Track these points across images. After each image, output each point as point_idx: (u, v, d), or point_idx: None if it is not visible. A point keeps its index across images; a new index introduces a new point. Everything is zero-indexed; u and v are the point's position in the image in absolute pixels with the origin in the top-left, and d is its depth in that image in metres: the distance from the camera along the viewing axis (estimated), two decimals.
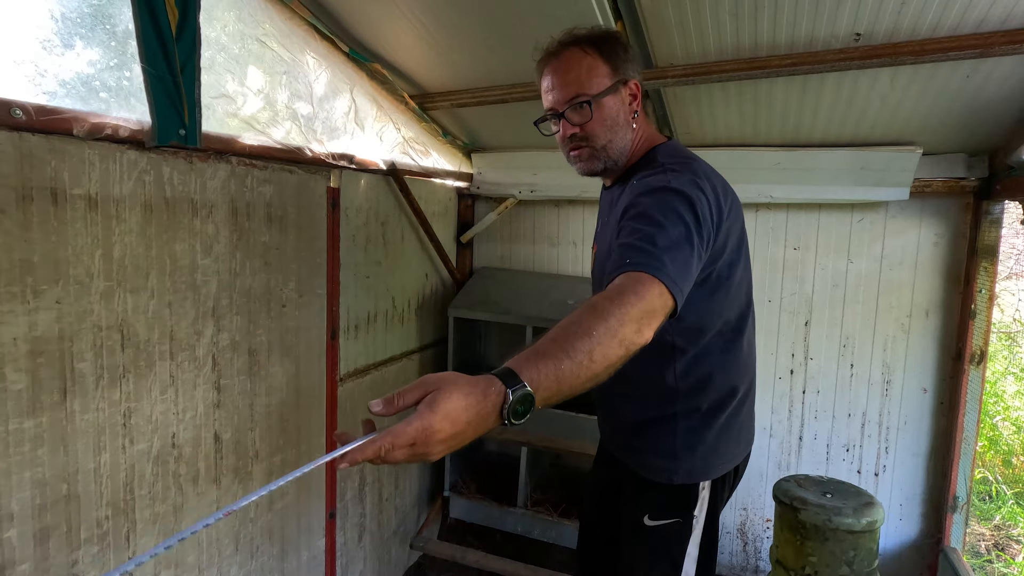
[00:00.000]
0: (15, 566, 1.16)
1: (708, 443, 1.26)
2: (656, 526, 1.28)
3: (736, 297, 1.25)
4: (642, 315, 0.89)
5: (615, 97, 1.20)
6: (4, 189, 1.09)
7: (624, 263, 0.96)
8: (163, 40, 1.31)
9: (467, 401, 0.71)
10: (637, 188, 1.13)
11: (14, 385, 1.13)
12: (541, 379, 0.76)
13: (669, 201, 1.05)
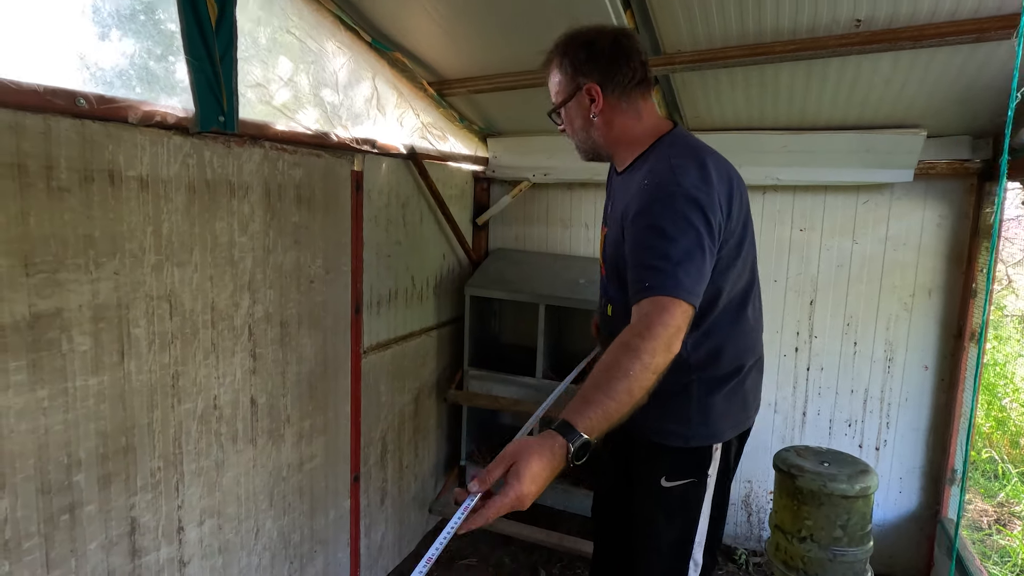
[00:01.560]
0: (83, 506, 1.31)
1: (719, 409, 1.35)
2: (672, 487, 1.37)
3: (742, 273, 1.34)
4: (671, 338, 1.06)
5: (574, 103, 1.35)
6: (70, 171, 1.21)
7: (644, 286, 1.10)
8: (204, 33, 1.42)
9: (542, 463, 0.91)
10: (649, 189, 1.21)
11: (80, 347, 1.27)
12: (593, 425, 0.96)
13: (679, 208, 1.15)
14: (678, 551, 1.41)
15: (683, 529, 1.40)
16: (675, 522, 1.40)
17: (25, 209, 1.15)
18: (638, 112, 1.36)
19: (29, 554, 1.22)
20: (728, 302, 1.33)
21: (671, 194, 1.16)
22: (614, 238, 1.35)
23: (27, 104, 1.13)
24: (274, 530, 1.84)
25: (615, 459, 1.58)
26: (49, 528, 1.25)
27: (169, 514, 1.51)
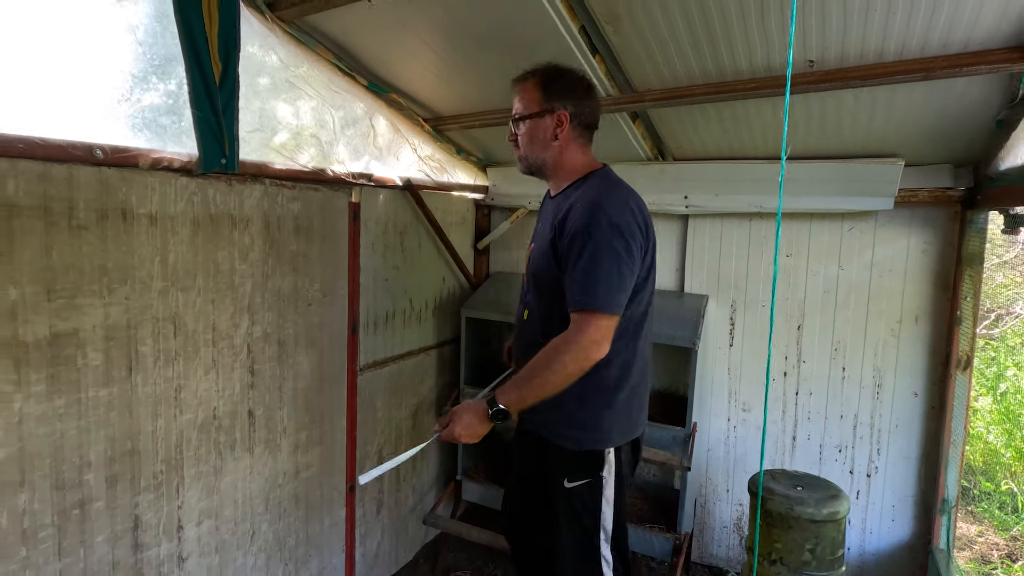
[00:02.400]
0: (92, 503, 1.49)
1: (609, 418, 1.53)
2: (573, 487, 1.54)
3: (643, 299, 1.53)
4: (589, 346, 1.36)
5: (540, 120, 1.55)
6: (88, 211, 1.42)
7: (575, 299, 1.40)
8: (208, 88, 1.63)
9: (471, 416, 1.44)
10: (580, 215, 1.43)
11: (93, 362, 1.46)
12: (511, 401, 1.41)
13: (604, 234, 1.39)
14: (586, 548, 1.57)
15: (586, 527, 1.57)
16: (578, 520, 1.57)
17: (49, 244, 1.36)
18: (583, 148, 1.59)
19: (44, 543, 1.40)
20: (628, 322, 1.50)
21: (598, 222, 1.40)
22: (540, 252, 1.56)
23: (53, 156, 1.34)
24: (269, 533, 1.99)
25: (524, 461, 1.75)
26: (62, 520, 1.43)
27: (170, 513, 1.68)
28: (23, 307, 1.32)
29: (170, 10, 1.57)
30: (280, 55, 1.91)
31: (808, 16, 1.49)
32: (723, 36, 1.63)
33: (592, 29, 1.75)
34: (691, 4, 1.53)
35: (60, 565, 1.43)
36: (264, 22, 1.84)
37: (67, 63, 1.42)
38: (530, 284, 1.63)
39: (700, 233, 2.60)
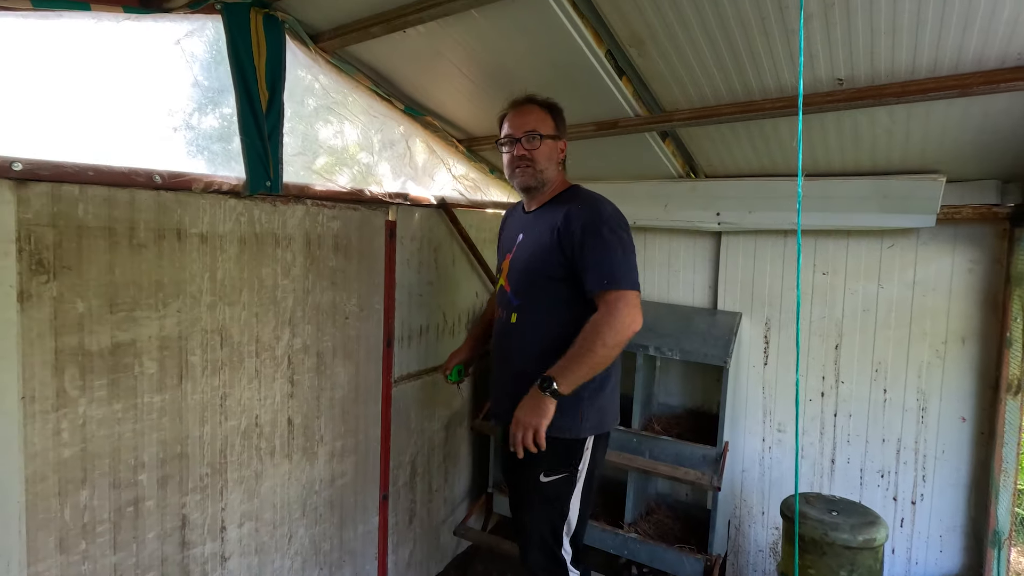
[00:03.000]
0: (145, 501, 1.60)
1: (597, 407, 1.69)
2: (548, 481, 1.69)
3: None
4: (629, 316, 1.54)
5: (554, 143, 1.78)
6: (147, 231, 1.55)
7: (602, 283, 1.57)
8: (256, 116, 1.75)
9: (535, 409, 1.56)
10: (588, 213, 1.65)
11: (148, 370, 1.58)
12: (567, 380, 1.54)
13: (611, 227, 1.62)
14: (551, 540, 1.71)
15: (554, 521, 1.70)
16: (552, 513, 1.70)
17: (112, 262, 1.49)
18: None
19: (101, 536, 1.52)
20: None
21: (605, 219, 1.63)
22: (538, 257, 1.71)
23: (118, 182, 1.47)
24: (306, 537, 2.08)
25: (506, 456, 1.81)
26: (117, 517, 1.55)
27: (214, 514, 1.78)
28: (89, 319, 1.45)
29: (223, 45, 1.71)
30: (322, 82, 2.03)
31: (833, 34, 1.49)
32: (748, 56, 1.64)
33: (618, 52, 1.80)
34: (713, 27, 1.55)
35: (115, 559, 1.54)
36: (308, 53, 1.96)
37: (133, 97, 1.56)
38: (523, 289, 1.75)
39: (733, 250, 2.58)
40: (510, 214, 1.99)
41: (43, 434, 1.38)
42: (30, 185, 1.32)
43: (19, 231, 1.31)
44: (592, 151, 2.44)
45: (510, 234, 1.90)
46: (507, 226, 1.97)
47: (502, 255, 1.91)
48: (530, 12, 1.63)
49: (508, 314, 1.78)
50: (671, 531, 2.53)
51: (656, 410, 2.76)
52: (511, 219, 1.96)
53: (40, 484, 1.39)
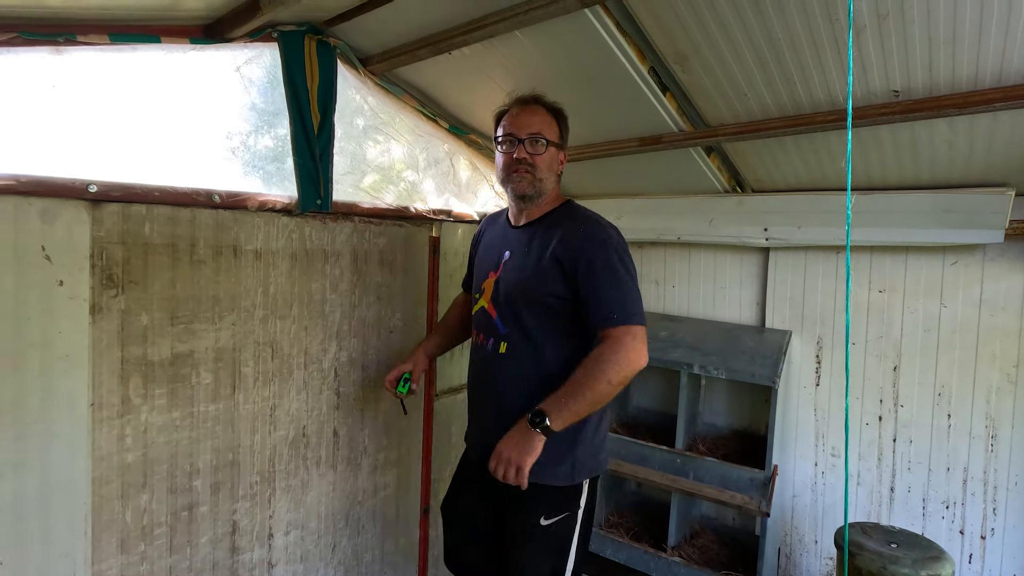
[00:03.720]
0: (198, 506, 1.67)
1: (595, 446, 1.56)
2: (549, 524, 1.52)
3: None
4: (635, 353, 1.39)
5: (556, 152, 1.62)
6: (206, 248, 1.63)
7: (609, 317, 1.41)
8: (308, 137, 1.83)
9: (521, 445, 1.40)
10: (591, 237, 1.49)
11: (204, 380, 1.66)
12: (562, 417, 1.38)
13: (619, 256, 1.47)
14: None
15: (556, 563, 1.53)
16: (551, 557, 1.53)
17: (175, 277, 1.57)
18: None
19: (158, 539, 1.59)
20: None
21: (612, 246, 1.48)
22: (535, 281, 1.52)
23: (180, 201, 1.56)
24: (348, 547, 2.11)
25: (485, 504, 1.65)
26: (174, 521, 1.62)
27: (262, 521, 1.84)
28: (152, 331, 1.53)
29: (279, 71, 1.80)
30: (370, 103, 2.10)
31: (888, 45, 1.44)
32: (797, 70, 1.60)
33: (661, 69, 1.79)
34: (760, 41, 1.53)
35: (170, 561, 1.61)
36: (358, 76, 2.03)
37: (195, 121, 1.66)
38: (510, 315, 1.56)
39: (782, 266, 2.50)
40: (490, 224, 1.79)
41: (109, 439, 1.47)
42: (103, 205, 1.42)
43: (93, 248, 1.41)
44: (635, 167, 2.43)
45: (493, 249, 1.69)
46: (488, 238, 1.75)
47: (482, 272, 1.69)
48: (573, 31, 1.65)
49: (495, 342, 1.59)
50: (717, 557, 2.45)
51: (701, 430, 2.68)
52: (493, 230, 1.75)
53: (105, 487, 1.47)
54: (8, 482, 1.31)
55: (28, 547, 1.35)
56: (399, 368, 1.84)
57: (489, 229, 1.78)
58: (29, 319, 1.31)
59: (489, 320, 1.61)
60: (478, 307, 1.67)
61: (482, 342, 1.64)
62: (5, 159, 1.27)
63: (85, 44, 1.40)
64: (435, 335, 1.98)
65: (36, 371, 1.33)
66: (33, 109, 1.33)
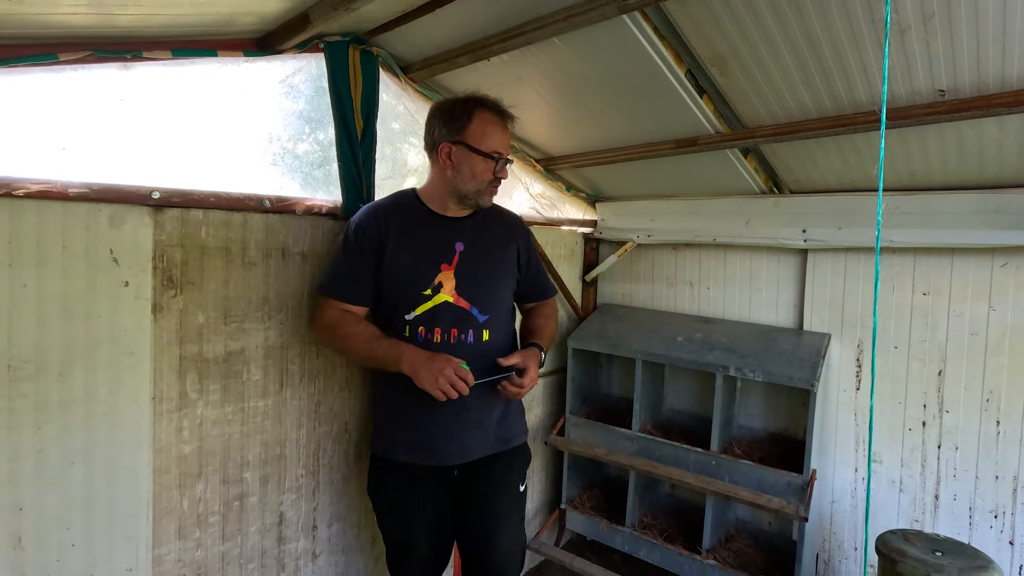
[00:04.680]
0: (248, 497, 1.75)
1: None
2: (523, 489, 1.79)
3: None
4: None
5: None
6: (257, 250, 1.71)
7: (547, 290, 1.94)
8: (352, 143, 1.90)
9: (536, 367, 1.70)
10: (523, 227, 1.85)
11: (254, 376, 1.74)
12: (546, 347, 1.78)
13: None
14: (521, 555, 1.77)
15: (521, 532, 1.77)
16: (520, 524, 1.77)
17: (228, 278, 1.65)
18: None
19: (212, 527, 1.67)
20: None
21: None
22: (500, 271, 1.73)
23: (233, 206, 1.64)
24: None
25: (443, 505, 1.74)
26: (226, 510, 1.70)
27: (308, 513, 1.91)
28: (207, 329, 1.61)
29: (324, 80, 1.87)
30: (410, 109, 2.16)
31: (934, 44, 1.42)
32: (838, 70, 1.59)
33: (698, 72, 1.80)
34: (800, 42, 1.52)
35: (223, 548, 1.69)
36: (398, 83, 2.10)
37: (247, 128, 1.74)
38: (489, 304, 1.66)
39: (821, 268, 2.47)
40: (394, 218, 1.65)
41: (168, 431, 1.55)
42: (164, 211, 1.51)
43: (155, 251, 1.49)
44: (670, 168, 2.43)
45: (433, 242, 1.65)
46: (410, 233, 1.64)
47: (428, 267, 1.62)
48: (610, 36, 1.67)
49: (475, 333, 1.63)
50: (752, 561, 2.43)
51: (736, 433, 2.66)
52: (409, 224, 1.65)
53: (164, 476, 1.56)
54: (79, 468, 1.40)
55: (96, 531, 1.45)
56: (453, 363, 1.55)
57: (397, 220, 1.64)
58: (100, 317, 1.41)
59: (463, 312, 1.63)
60: (436, 303, 1.62)
61: (456, 337, 1.63)
62: (79, 168, 1.37)
63: (150, 60, 1.49)
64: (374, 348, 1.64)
65: (105, 366, 1.42)
66: (103, 121, 1.42)
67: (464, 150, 1.61)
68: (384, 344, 1.58)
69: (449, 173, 1.64)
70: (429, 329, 1.62)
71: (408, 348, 1.56)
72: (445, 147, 1.62)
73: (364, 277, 1.64)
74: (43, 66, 1.30)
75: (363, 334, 1.60)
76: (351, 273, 1.64)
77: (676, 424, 2.79)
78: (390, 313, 1.66)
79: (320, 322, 1.67)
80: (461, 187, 1.64)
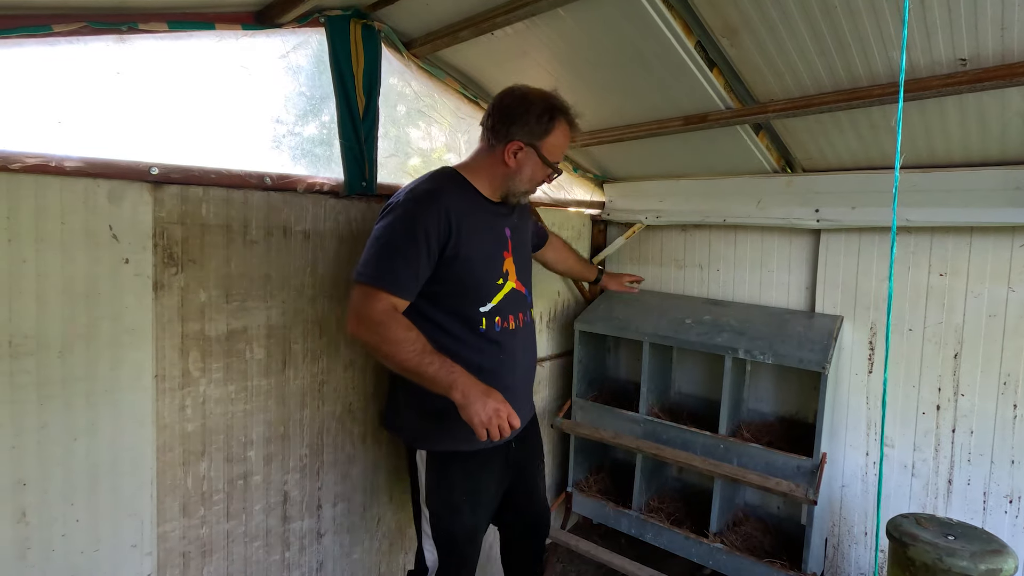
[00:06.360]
0: (252, 476, 1.75)
1: None
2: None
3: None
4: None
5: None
6: (258, 228, 1.69)
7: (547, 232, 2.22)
8: (354, 120, 1.87)
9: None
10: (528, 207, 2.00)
11: (257, 355, 1.73)
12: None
13: None
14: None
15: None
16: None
17: (229, 256, 1.64)
18: None
19: (216, 505, 1.68)
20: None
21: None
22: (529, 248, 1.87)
23: (234, 183, 1.63)
24: (392, 522, 2.18)
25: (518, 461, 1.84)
26: (230, 488, 1.70)
27: (312, 492, 1.92)
28: (209, 307, 1.60)
29: (325, 56, 1.83)
30: (414, 87, 2.12)
31: (956, 10, 1.36)
32: (854, 39, 1.53)
33: (708, 43, 1.74)
34: (815, 10, 1.46)
35: (228, 526, 1.70)
36: (401, 59, 2.06)
37: (247, 105, 1.72)
38: (530, 283, 1.80)
39: (834, 249, 2.41)
40: (457, 201, 1.56)
41: (171, 409, 1.55)
42: (164, 187, 1.49)
43: (155, 228, 1.48)
44: (679, 147, 2.38)
45: (490, 230, 1.64)
46: (470, 218, 1.57)
47: (495, 255, 1.63)
48: (617, 7, 1.62)
49: (526, 314, 1.76)
50: (760, 545, 2.40)
51: (745, 416, 2.63)
52: (468, 208, 1.58)
53: (168, 454, 1.56)
54: (82, 444, 1.41)
55: (100, 507, 1.45)
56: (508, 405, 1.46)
57: (460, 210, 1.56)
58: (100, 294, 1.40)
59: (521, 297, 1.72)
60: (506, 291, 1.65)
61: (522, 321, 1.73)
62: (76, 142, 1.35)
63: (146, 32, 1.46)
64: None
65: (106, 343, 1.42)
66: (99, 95, 1.40)
67: (534, 154, 1.59)
68: (436, 363, 1.41)
69: (509, 170, 1.60)
70: (504, 318, 1.63)
71: (463, 374, 1.42)
72: (515, 145, 1.58)
73: (423, 272, 1.51)
74: (37, 38, 1.28)
75: (415, 344, 1.42)
76: (412, 265, 1.48)
77: (684, 407, 2.76)
78: (464, 307, 1.57)
79: (367, 315, 1.44)
80: (513, 186, 1.63)
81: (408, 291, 1.49)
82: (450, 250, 1.52)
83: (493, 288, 1.62)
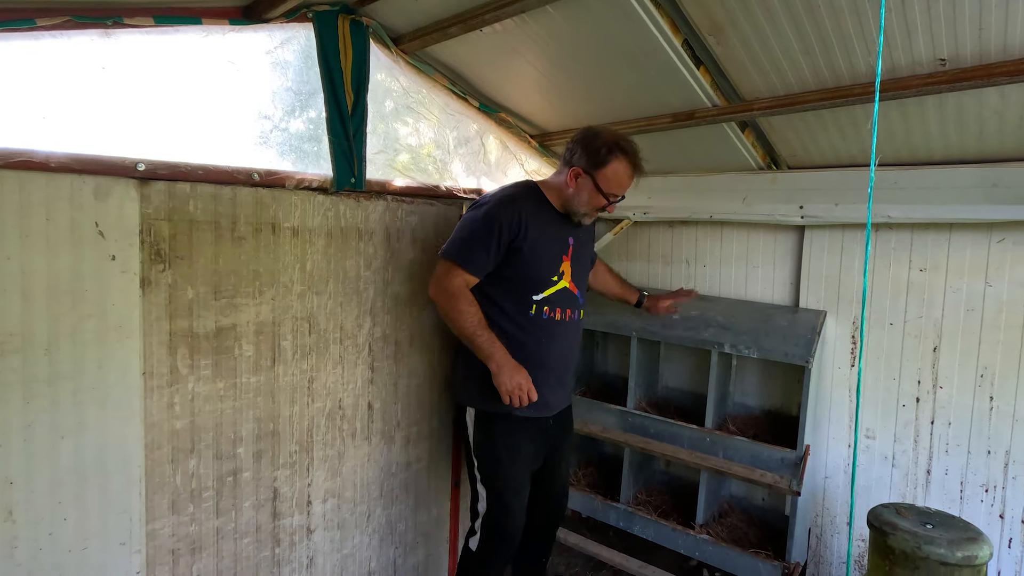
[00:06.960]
0: (242, 472, 1.75)
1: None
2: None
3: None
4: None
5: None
6: (246, 224, 1.69)
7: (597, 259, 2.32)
8: (342, 116, 1.86)
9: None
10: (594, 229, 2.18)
11: (246, 352, 1.73)
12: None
13: None
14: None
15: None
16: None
17: (217, 252, 1.63)
18: None
19: (206, 502, 1.67)
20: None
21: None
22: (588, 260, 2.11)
23: (222, 179, 1.62)
24: (383, 517, 2.19)
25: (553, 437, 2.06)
26: (219, 485, 1.70)
27: (301, 489, 1.92)
28: (197, 304, 1.60)
29: (313, 52, 1.83)
30: (402, 83, 2.12)
31: (935, 10, 1.39)
32: (837, 39, 1.56)
33: (695, 42, 1.76)
34: (799, 9, 1.48)
35: (217, 523, 1.69)
36: (389, 55, 2.05)
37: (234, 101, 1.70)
38: (585, 288, 2.06)
39: (818, 245, 2.45)
40: (530, 208, 1.86)
41: (159, 406, 1.55)
42: (151, 183, 1.48)
43: (142, 224, 1.47)
44: (666, 144, 2.40)
45: (555, 236, 1.91)
46: (537, 224, 1.86)
47: (553, 256, 1.90)
48: (606, 5, 1.63)
49: (575, 313, 1.99)
50: (745, 536, 2.45)
51: (731, 410, 2.67)
52: (538, 216, 1.87)
53: (157, 451, 1.55)
54: (69, 442, 1.40)
55: (88, 505, 1.45)
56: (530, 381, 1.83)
57: (531, 214, 1.85)
58: (86, 291, 1.39)
59: (572, 296, 1.96)
60: (558, 288, 1.93)
61: (569, 316, 1.96)
62: (60, 138, 1.33)
63: (132, 26, 1.45)
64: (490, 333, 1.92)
65: (92, 340, 1.41)
66: (84, 90, 1.39)
67: (589, 182, 1.83)
68: (485, 336, 1.80)
69: (569, 191, 1.87)
70: (552, 308, 1.91)
71: (501, 350, 1.80)
72: (576, 171, 1.85)
73: (494, 258, 1.82)
74: (20, 31, 1.26)
75: (474, 316, 1.81)
76: (487, 251, 1.80)
77: (671, 401, 2.80)
78: (519, 292, 1.87)
79: (447, 286, 1.82)
80: (572, 206, 1.89)
81: (480, 271, 1.82)
82: (518, 243, 1.82)
83: (547, 282, 1.90)
